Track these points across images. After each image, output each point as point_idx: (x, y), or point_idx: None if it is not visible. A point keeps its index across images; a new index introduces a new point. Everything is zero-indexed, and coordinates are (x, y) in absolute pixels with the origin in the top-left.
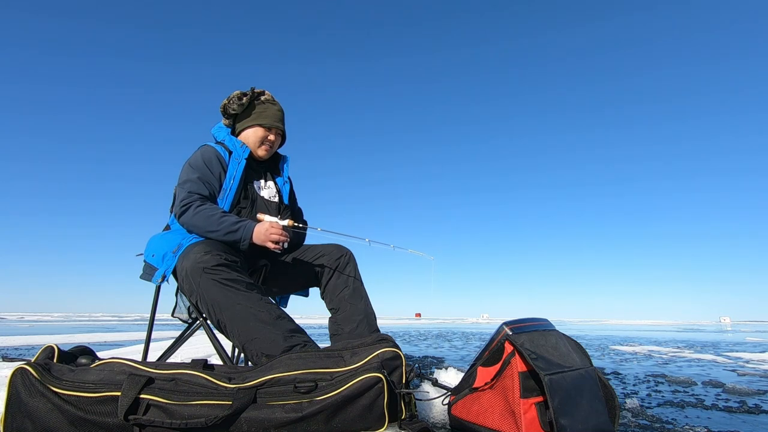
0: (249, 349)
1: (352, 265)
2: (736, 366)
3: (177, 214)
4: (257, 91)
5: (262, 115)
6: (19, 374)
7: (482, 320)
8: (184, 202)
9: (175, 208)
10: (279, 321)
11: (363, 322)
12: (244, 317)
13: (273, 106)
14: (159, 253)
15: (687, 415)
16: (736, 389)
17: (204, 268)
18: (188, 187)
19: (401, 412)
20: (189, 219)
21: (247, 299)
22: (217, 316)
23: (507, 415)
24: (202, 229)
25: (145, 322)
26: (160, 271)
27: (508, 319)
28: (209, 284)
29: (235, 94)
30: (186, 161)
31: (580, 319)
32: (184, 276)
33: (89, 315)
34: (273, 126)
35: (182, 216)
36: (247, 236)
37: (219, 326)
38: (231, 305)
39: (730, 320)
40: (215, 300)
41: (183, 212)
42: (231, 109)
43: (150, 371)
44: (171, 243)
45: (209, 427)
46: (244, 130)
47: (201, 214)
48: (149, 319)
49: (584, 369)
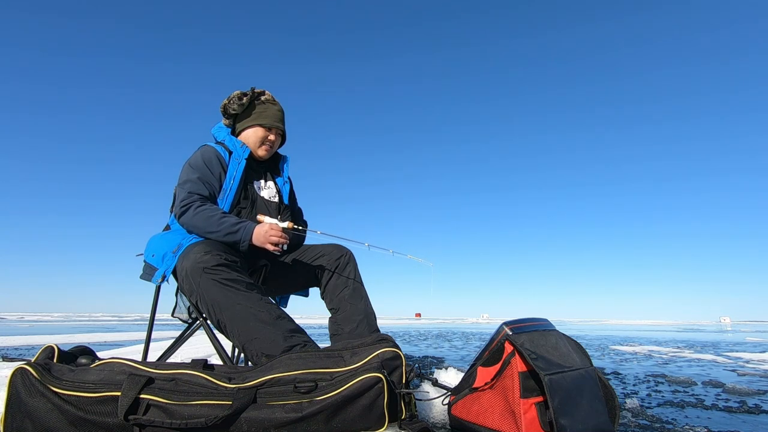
0: (249, 349)
1: (352, 265)
2: (736, 366)
3: (177, 214)
4: (257, 91)
5: (262, 115)
6: (19, 374)
7: (482, 320)
8: (184, 203)
9: (175, 208)
10: (279, 321)
11: (363, 322)
12: (244, 317)
13: (273, 106)
14: (159, 253)
15: (687, 415)
16: (736, 389)
17: (204, 268)
18: (188, 187)
19: (401, 412)
20: (189, 220)
21: (247, 299)
22: (217, 316)
23: (507, 415)
24: (202, 229)
25: (145, 322)
26: (159, 271)
27: (508, 319)
28: (209, 284)
29: (236, 94)
30: (186, 161)
31: (580, 319)
32: (184, 276)
33: (89, 315)
34: (273, 126)
35: (182, 216)
36: (247, 238)
37: (219, 326)
38: (231, 305)
39: (730, 320)
40: (215, 300)
41: (183, 213)
42: (231, 109)
43: (150, 371)
44: (171, 243)
45: (209, 427)
46: (245, 130)
47: (201, 214)
48: (149, 319)
49: (584, 369)
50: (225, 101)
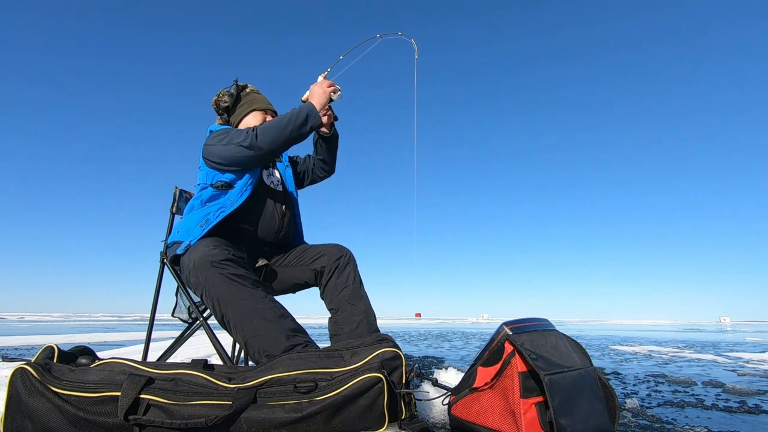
0: (251, 346)
1: (352, 266)
2: (736, 366)
3: (248, 145)
4: (240, 85)
5: (254, 102)
6: (19, 374)
7: (482, 320)
8: (245, 136)
9: (243, 141)
10: (282, 320)
11: (363, 322)
12: (248, 313)
13: (259, 95)
14: (184, 229)
15: (687, 415)
16: (736, 389)
17: (212, 262)
18: (234, 133)
19: (401, 412)
20: (261, 139)
21: (252, 296)
22: (222, 311)
23: (507, 415)
24: (277, 135)
25: (145, 322)
26: (185, 242)
27: (508, 319)
28: (217, 278)
29: (222, 90)
30: (204, 144)
31: (580, 319)
32: (191, 268)
33: (89, 315)
34: (267, 108)
35: (254, 142)
36: (313, 111)
37: (222, 321)
38: (236, 301)
39: (730, 320)
40: (221, 294)
41: (252, 141)
42: (222, 102)
43: (150, 371)
44: (198, 218)
45: (209, 427)
46: (244, 118)
47: (263, 128)
48: (149, 319)
49: (584, 369)
50: (215, 98)
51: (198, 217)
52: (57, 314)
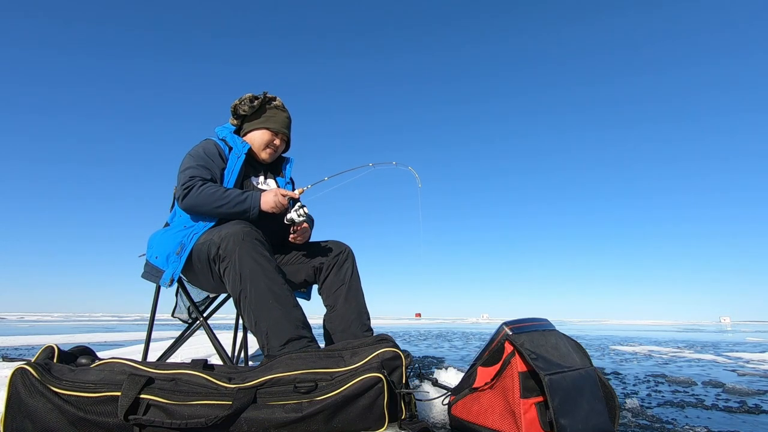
0: (259, 327)
1: (351, 262)
2: (736, 366)
3: (179, 197)
4: (269, 96)
5: (271, 119)
6: (19, 374)
7: (482, 320)
8: (186, 185)
9: (177, 191)
10: (295, 309)
11: (356, 321)
12: (265, 295)
13: (282, 113)
14: (162, 255)
15: (687, 415)
16: (736, 389)
17: (245, 238)
18: (189, 172)
19: (401, 412)
20: (193, 199)
21: (273, 280)
22: (241, 286)
23: (507, 415)
24: (208, 205)
25: (145, 322)
26: (168, 274)
27: (508, 319)
28: (246, 255)
29: (247, 96)
30: (187, 153)
31: (580, 319)
32: (221, 239)
33: (89, 315)
34: (280, 131)
35: (185, 198)
36: (256, 204)
37: (238, 298)
38: (257, 280)
39: (730, 320)
40: (246, 270)
41: (186, 194)
42: (241, 109)
43: (150, 371)
44: (173, 243)
45: (209, 427)
46: (252, 131)
47: (205, 191)
48: (149, 319)
49: (584, 369)
50: (236, 101)
51: (174, 242)
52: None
